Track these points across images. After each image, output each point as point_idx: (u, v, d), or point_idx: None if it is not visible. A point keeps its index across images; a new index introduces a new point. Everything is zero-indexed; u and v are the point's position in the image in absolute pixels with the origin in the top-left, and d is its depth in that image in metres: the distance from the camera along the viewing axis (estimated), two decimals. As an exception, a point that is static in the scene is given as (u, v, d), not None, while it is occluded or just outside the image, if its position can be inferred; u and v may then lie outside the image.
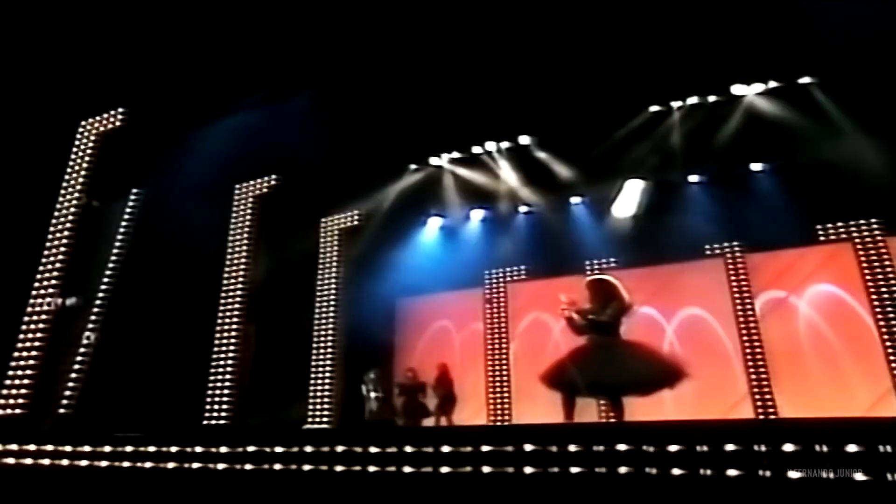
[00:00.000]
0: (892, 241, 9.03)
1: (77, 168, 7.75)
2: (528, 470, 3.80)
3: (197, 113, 8.53)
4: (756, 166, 10.01)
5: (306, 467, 4.04)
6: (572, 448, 3.82)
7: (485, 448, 3.98)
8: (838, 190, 8.99)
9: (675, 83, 9.36)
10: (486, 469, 3.87)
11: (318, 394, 9.24)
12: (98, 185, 7.56)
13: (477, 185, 11.51)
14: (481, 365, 11.13)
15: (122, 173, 7.82)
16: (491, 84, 8.57)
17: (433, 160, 11.68)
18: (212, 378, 8.44)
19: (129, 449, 4.65)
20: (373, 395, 9.20)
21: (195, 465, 4.30)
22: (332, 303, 9.79)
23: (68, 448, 4.86)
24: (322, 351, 9.66)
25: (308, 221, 10.51)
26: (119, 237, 7.51)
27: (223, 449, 4.36)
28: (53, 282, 6.90)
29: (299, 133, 8.49)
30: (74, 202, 7.39)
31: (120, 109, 7.82)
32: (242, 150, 8.90)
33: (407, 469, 4.00)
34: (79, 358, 6.75)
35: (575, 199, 11.32)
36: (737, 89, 9.52)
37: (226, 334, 8.39)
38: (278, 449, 4.16)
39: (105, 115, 7.96)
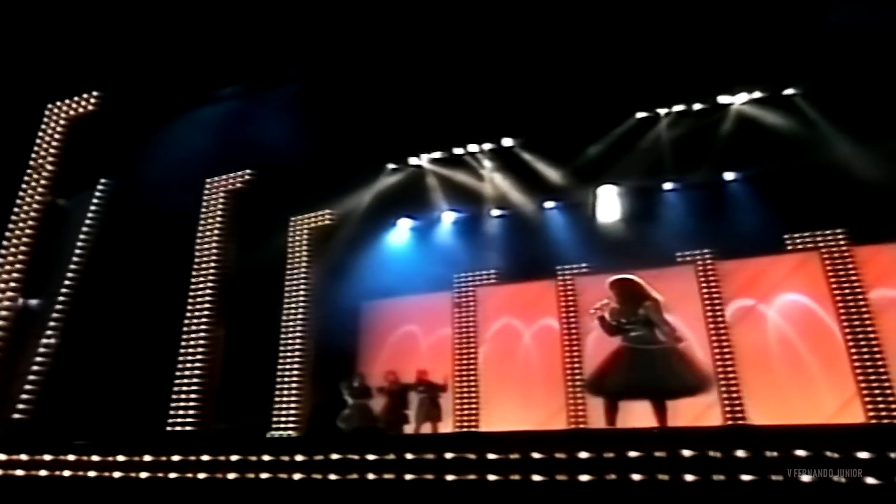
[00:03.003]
0: (857, 250, 9.55)
1: (43, 155, 7.46)
2: (491, 478, 4.02)
3: (173, 101, 8.42)
4: (729, 175, 10.48)
5: (281, 476, 4.23)
6: (536, 455, 4.07)
7: (448, 455, 4.18)
8: (807, 200, 9.50)
9: (656, 91, 9.76)
10: (449, 477, 4.08)
11: (285, 400, 9.34)
12: (65, 175, 7.35)
13: (452, 187, 11.70)
14: (449, 370, 11.38)
15: (90, 162, 7.65)
16: (472, 85, 8.81)
17: (412, 160, 11.80)
18: (178, 382, 8.32)
19: (95, 458, 4.72)
20: (351, 401, 9.31)
21: (170, 475, 4.43)
22: (301, 305, 9.85)
23: (24, 457, 4.89)
24: (289, 355, 9.71)
25: (282, 220, 10.56)
26: (84, 232, 7.34)
27: (191, 457, 4.50)
28: (13, 284, 6.79)
29: (276, 128, 8.51)
30: (38, 196, 7.16)
31: (94, 93, 7.60)
32: (218, 143, 8.85)
33: (387, 476, 4.21)
34: (38, 359, 6.67)
35: (549, 204, 11.59)
36: (719, 98, 9.95)
37: (194, 336, 8.36)
38: (253, 458, 4.32)
39: (77, 99, 7.70)
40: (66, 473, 4.75)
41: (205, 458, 4.35)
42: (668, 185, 10.85)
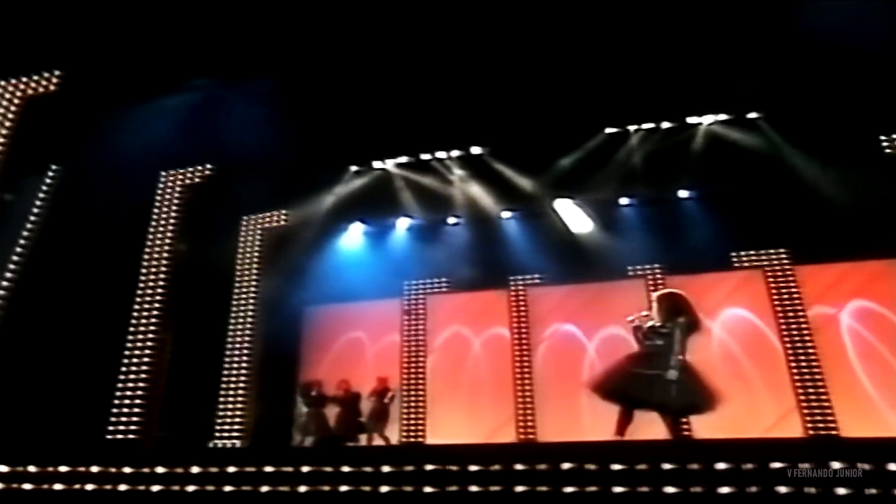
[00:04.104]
0: (799, 269, 10.04)
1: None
2: (427, 490, 4.02)
3: (137, 86, 7.96)
4: (684, 193, 10.85)
5: (227, 489, 4.08)
6: (473, 468, 4.07)
7: (385, 469, 4.13)
8: (754, 220, 9.96)
9: (621, 108, 9.99)
10: (383, 489, 4.07)
11: (230, 408, 9.02)
12: (14, 159, 6.81)
13: (412, 193, 11.62)
14: (396, 379, 11.29)
15: (42, 146, 7.13)
16: (442, 91, 8.82)
17: (376, 163, 11.69)
18: (120, 388, 7.93)
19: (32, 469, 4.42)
20: (306, 409, 9.13)
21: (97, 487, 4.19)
22: (249, 310, 9.58)
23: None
24: (235, 362, 9.42)
25: (237, 219, 10.23)
26: (29, 222, 6.86)
27: (126, 469, 4.28)
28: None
29: (241, 123, 8.24)
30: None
31: (56, 72, 7.11)
32: (179, 134, 8.47)
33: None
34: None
35: (506, 214, 11.65)
36: (688, 119, 10.32)
37: (140, 340, 7.93)
38: (194, 470, 4.15)
39: (36, 77, 7.19)
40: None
41: (144, 469, 4.13)
42: (624, 201, 11.12)
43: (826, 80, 8.42)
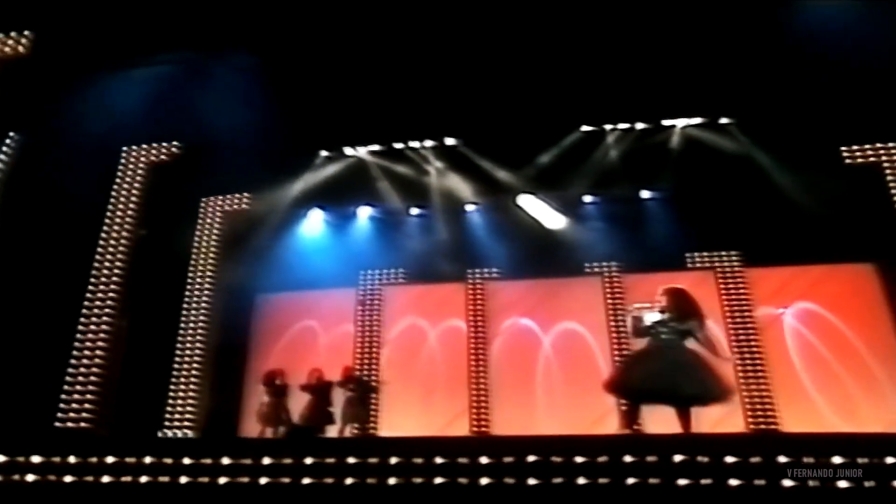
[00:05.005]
0: (749, 271, 10.51)
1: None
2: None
3: (108, 55, 7.55)
4: (646, 193, 11.17)
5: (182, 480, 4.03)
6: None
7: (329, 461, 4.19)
8: (710, 222, 10.37)
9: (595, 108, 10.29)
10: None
11: (181, 397, 8.82)
12: None
13: (380, 182, 11.55)
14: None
15: (3, 111, 6.70)
16: (418, 81, 8.81)
17: (348, 150, 11.56)
18: (71, 375, 7.66)
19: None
20: (267, 399, 9.02)
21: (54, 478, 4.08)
22: (205, 296, 9.35)
23: None
24: (188, 349, 9.20)
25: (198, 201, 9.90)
26: None
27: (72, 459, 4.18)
28: None
29: (212, 101, 7.97)
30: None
31: (26, 33, 6.68)
32: (147, 109, 8.11)
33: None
34: None
35: (469, 207, 11.69)
36: (662, 121, 10.68)
37: (94, 325, 7.60)
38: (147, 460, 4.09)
39: (4, 37, 6.75)
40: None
41: (92, 459, 4.04)
42: (588, 198, 11.38)
43: (795, 91, 8.96)
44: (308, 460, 4.17)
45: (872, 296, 10.05)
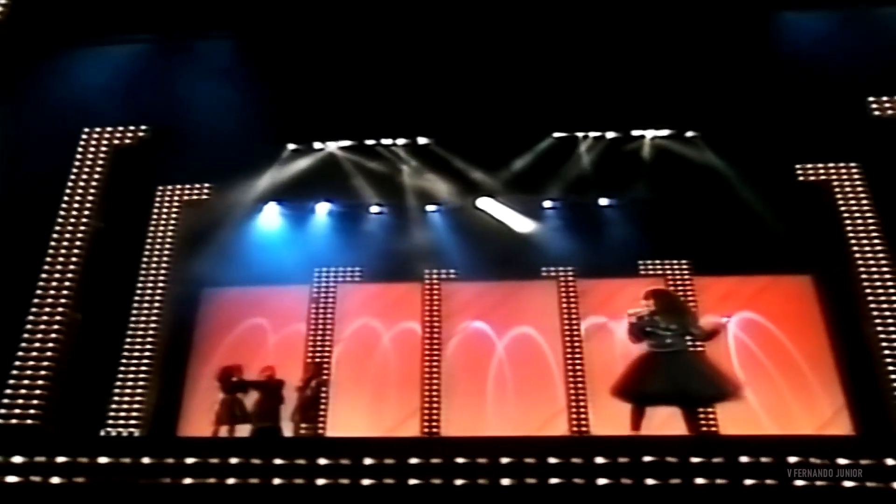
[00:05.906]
0: (697, 280, 10.94)
1: None
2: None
3: (77, 30, 7.20)
4: (604, 200, 11.51)
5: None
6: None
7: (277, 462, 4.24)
8: (663, 231, 10.81)
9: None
10: (276, 481, 4.18)
11: (127, 394, 8.58)
12: None
13: (344, 178, 11.52)
14: (299, 370, 11.19)
15: None
16: (392, 77, 8.83)
17: (317, 144, 11.50)
18: (17, 371, 7.36)
19: None
20: (222, 396, 8.82)
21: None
22: (158, 289, 9.09)
23: None
24: (138, 344, 8.97)
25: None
26: None
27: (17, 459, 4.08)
28: None
29: (182, 85, 7.74)
30: None
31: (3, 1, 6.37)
32: (113, 89, 7.79)
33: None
34: None
35: (431, 207, 11.76)
36: (633, 132, 11.11)
37: (45, 319, 7.25)
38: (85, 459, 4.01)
39: None
40: None
41: (40, 459, 3.96)
42: (547, 203, 11.65)
43: (757, 108, 9.52)
44: (255, 461, 4.18)
45: (809, 305, 10.61)
